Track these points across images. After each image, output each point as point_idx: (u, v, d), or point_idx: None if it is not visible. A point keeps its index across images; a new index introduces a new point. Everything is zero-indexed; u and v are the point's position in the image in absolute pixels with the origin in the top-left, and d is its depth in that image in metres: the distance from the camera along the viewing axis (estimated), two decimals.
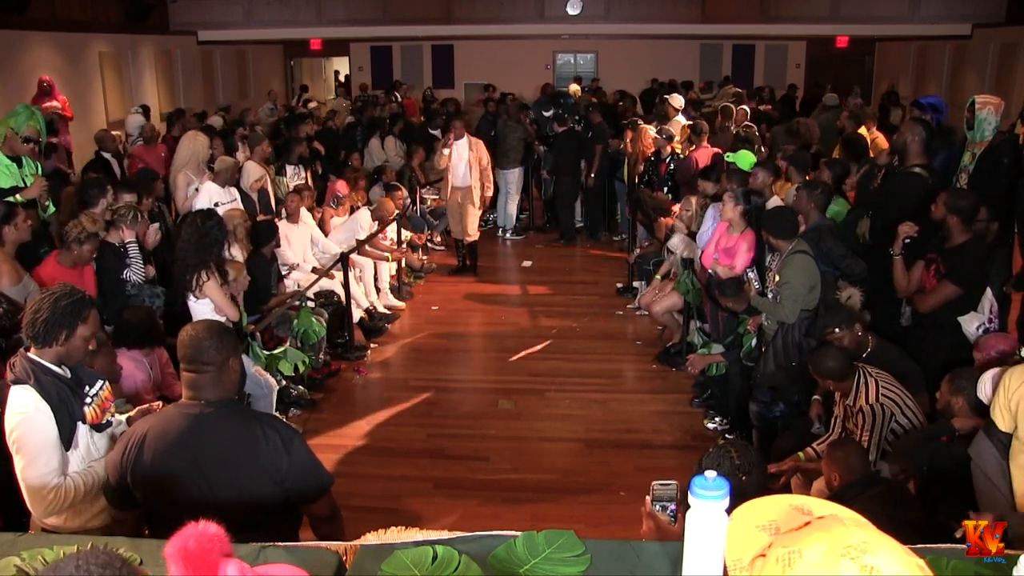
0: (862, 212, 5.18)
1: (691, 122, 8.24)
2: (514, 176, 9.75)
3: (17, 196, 5.01)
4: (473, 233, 8.23)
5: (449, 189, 8.14)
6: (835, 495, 3.17)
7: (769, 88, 13.77)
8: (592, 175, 9.30)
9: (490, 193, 8.42)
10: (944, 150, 5.45)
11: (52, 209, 5.38)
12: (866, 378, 3.59)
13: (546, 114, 10.13)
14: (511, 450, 4.90)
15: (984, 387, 2.95)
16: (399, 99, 13.89)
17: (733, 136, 8.09)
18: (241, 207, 5.87)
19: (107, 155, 7.77)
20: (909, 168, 4.80)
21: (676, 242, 6.07)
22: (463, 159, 7.94)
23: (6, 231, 4.13)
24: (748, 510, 1.10)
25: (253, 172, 6.55)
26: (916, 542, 2.01)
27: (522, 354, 6.37)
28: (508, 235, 9.97)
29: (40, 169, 5.56)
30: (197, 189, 6.05)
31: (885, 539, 0.95)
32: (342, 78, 17.88)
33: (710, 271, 5.13)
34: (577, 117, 9.81)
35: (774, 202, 5.20)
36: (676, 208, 6.61)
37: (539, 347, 6.61)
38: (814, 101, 12.44)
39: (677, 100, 9.30)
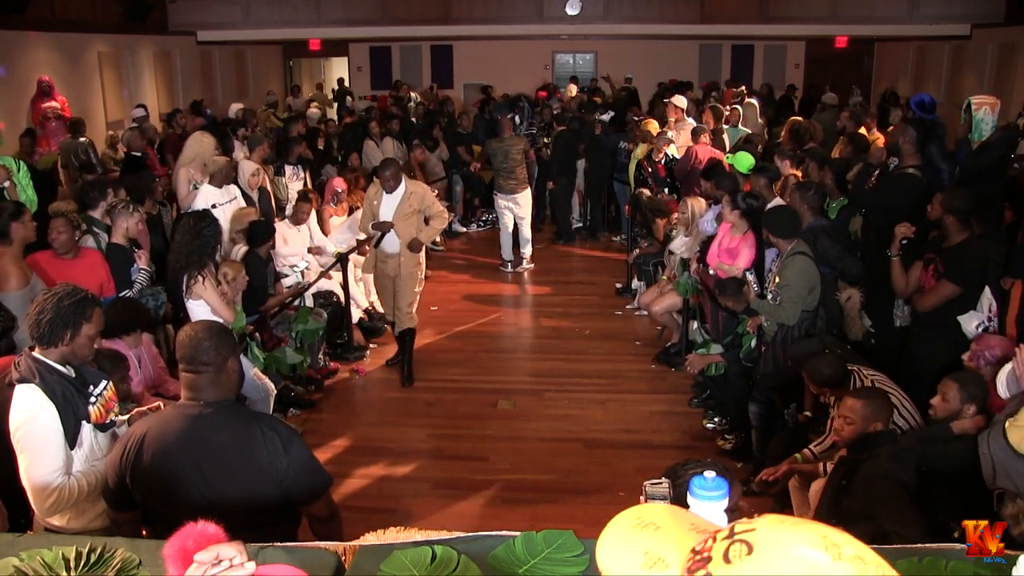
0: (854, 210, 5.19)
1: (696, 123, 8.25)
2: (526, 200, 8.43)
3: None
4: (410, 319, 5.80)
5: (371, 257, 5.85)
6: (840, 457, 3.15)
7: (766, 86, 13.78)
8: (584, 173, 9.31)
9: (443, 227, 6.28)
10: (935, 142, 5.45)
11: (28, 198, 5.25)
12: (861, 381, 3.59)
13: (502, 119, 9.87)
14: (511, 450, 4.90)
15: (1000, 384, 2.95)
16: (403, 99, 13.85)
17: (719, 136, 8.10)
18: (243, 204, 5.89)
19: (137, 153, 7.80)
20: (903, 169, 4.81)
21: (677, 244, 6.08)
22: (395, 215, 5.56)
23: (14, 228, 4.13)
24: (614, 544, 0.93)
25: (248, 168, 6.61)
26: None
27: (521, 354, 6.37)
28: (524, 264, 8.59)
29: (17, 166, 5.50)
30: (196, 187, 6.09)
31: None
32: (335, 83, 17.87)
33: (712, 271, 5.13)
34: (532, 120, 9.64)
35: (776, 203, 5.20)
36: (672, 218, 6.63)
37: (539, 347, 6.61)
38: (812, 102, 12.46)
39: (681, 100, 9.30)
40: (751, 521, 0.81)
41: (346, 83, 17.35)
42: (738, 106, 9.72)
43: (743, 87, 12.36)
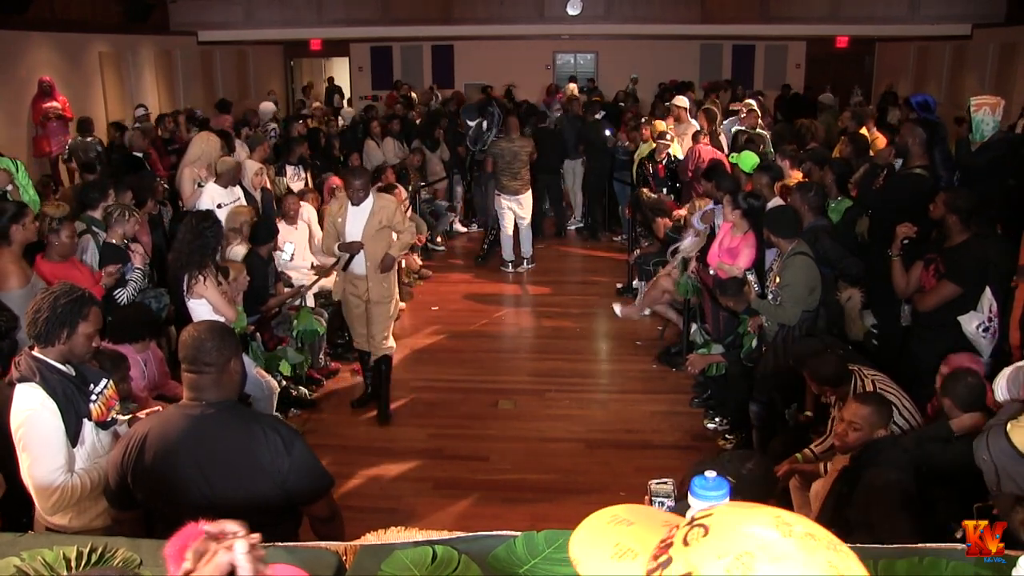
0: (861, 211, 5.19)
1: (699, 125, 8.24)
2: (528, 201, 8.41)
3: None
4: (387, 345, 5.36)
5: (339, 281, 5.39)
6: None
7: (742, 87, 13.78)
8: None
9: (412, 240, 5.88)
10: (938, 146, 5.45)
11: (30, 198, 5.26)
12: (862, 381, 3.58)
13: (471, 123, 9.82)
14: (511, 450, 4.90)
15: (1000, 388, 2.94)
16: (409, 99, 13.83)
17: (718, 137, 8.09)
18: (246, 204, 5.91)
19: (138, 154, 7.79)
20: (911, 169, 4.81)
21: (686, 244, 6.08)
22: (363, 232, 5.06)
23: (14, 230, 4.14)
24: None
25: (252, 167, 6.66)
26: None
27: (522, 354, 6.37)
28: (525, 264, 8.59)
29: (16, 167, 5.51)
30: (200, 185, 6.11)
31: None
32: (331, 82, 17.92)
33: (712, 270, 5.14)
34: (503, 127, 9.55)
35: (775, 203, 5.21)
36: (681, 212, 6.63)
37: (539, 347, 6.60)
38: (811, 102, 12.44)
39: (683, 100, 9.28)
40: (711, 508, 0.88)
41: (336, 82, 17.39)
42: (755, 108, 9.71)
43: (738, 88, 12.37)
